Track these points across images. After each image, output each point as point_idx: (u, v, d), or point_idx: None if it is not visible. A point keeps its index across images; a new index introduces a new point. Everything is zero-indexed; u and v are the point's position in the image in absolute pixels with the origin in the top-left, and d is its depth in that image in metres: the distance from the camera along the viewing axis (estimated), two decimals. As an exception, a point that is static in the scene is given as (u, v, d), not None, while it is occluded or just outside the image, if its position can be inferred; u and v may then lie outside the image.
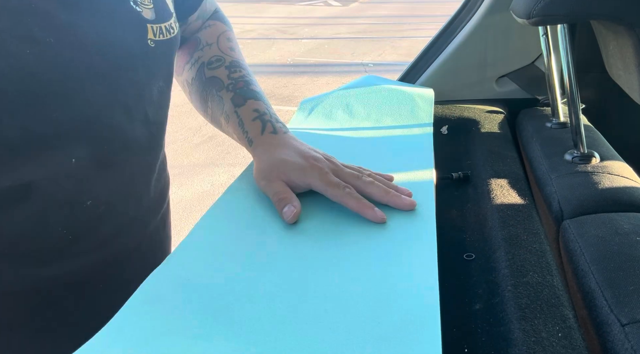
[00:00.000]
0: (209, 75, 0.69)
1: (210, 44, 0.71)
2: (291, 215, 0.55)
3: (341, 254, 0.50)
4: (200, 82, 0.70)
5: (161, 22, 0.55)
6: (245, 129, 0.65)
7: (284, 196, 0.58)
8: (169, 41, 0.56)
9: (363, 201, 0.56)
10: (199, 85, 0.70)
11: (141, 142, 0.56)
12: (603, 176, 0.80)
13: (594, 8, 0.73)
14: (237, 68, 0.70)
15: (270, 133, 0.65)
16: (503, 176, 0.81)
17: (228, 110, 0.67)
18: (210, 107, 0.69)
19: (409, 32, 7.82)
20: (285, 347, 0.38)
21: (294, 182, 0.59)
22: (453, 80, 1.17)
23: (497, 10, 1.10)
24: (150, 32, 0.53)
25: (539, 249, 0.61)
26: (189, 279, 0.46)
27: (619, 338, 0.50)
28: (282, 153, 0.62)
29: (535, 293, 0.53)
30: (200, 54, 0.71)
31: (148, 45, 0.53)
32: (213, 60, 0.70)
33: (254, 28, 8.14)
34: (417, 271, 0.47)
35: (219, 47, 0.71)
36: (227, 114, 0.67)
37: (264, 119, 0.66)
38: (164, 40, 0.55)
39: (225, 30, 0.74)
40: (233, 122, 0.66)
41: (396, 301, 0.43)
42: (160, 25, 0.54)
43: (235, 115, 0.66)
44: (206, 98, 0.69)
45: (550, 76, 1.01)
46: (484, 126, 1.05)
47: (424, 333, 0.39)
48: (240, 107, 0.66)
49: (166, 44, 0.56)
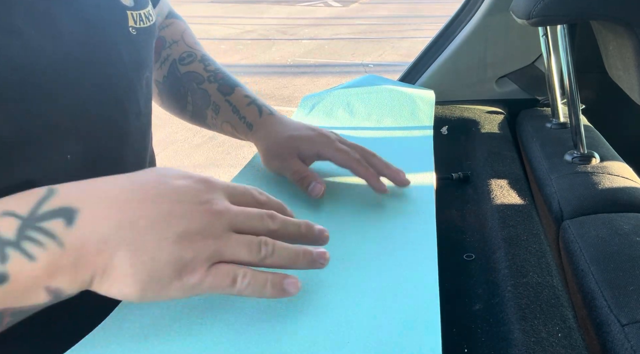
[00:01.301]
0: (185, 71, 0.69)
1: (176, 41, 0.72)
2: (320, 192, 0.57)
3: (341, 254, 0.50)
4: (175, 79, 0.70)
5: (140, 9, 0.54)
6: (242, 115, 0.65)
7: (305, 174, 0.58)
8: (149, 29, 0.56)
9: (370, 169, 0.59)
10: (174, 82, 0.70)
11: (134, 134, 0.55)
12: (603, 176, 0.80)
13: (594, 8, 0.73)
14: (209, 61, 0.71)
15: (268, 114, 0.66)
16: (503, 177, 0.81)
17: (217, 100, 0.67)
18: (190, 102, 0.69)
19: (409, 33, 7.83)
20: (285, 347, 0.38)
21: (304, 154, 0.61)
22: (453, 81, 1.17)
23: (497, 10, 1.10)
24: (130, 19, 0.52)
25: (538, 249, 0.61)
26: None
27: (619, 338, 0.50)
28: (287, 129, 0.63)
29: (535, 293, 0.53)
30: (169, 51, 0.71)
31: (130, 33, 0.52)
32: (184, 56, 0.70)
33: (254, 29, 8.15)
34: (417, 271, 0.47)
35: (186, 43, 0.72)
36: (216, 104, 0.67)
37: (258, 103, 0.67)
38: (145, 27, 0.54)
39: (185, 28, 0.75)
40: (225, 110, 0.66)
41: (396, 302, 0.43)
42: (139, 12, 0.53)
43: (227, 103, 0.67)
44: (184, 93, 0.69)
45: (550, 77, 1.01)
46: (484, 127, 1.05)
47: (424, 333, 0.39)
48: (229, 95, 0.67)
49: (147, 32, 0.55)
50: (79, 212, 0.34)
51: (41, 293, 0.33)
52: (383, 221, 0.56)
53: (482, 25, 1.12)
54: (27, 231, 0.33)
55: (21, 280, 0.32)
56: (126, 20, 0.51)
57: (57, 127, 0.45)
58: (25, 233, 0.33)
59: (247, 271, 0.37)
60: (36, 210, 0.34)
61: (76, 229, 0.34)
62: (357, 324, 0.41)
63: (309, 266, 0.41)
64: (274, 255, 0.38)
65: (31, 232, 0.33)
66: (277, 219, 0.40)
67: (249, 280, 0.37)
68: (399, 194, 0.62)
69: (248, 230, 0.38)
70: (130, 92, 0.53)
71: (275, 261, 0.39)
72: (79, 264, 0.34)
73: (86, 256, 0.34)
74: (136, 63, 0.53)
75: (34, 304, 0.34)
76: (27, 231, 0.33)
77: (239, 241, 0.37)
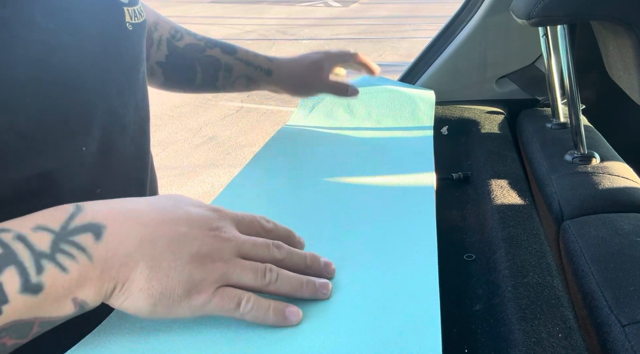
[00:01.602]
0: (183, 45, 0.74)
1: (156, 22, 0.75)
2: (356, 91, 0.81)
3: (341, 254, 0.50)
4: (178, 54, 0.74)
5: (133, 5, 0.55)
6: (256, 65, 0.76)
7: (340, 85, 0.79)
8: (142, 24, 0.57)
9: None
10: (178, 58, 0.75)
11: (135, 127, 0.56)
12: (603, 176, 0.80)
13: (594, 9, 0.73)
14: (194, 33, 0.77)
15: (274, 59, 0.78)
16: (503, 177, 0.81)
17: (227, 61, 0.75)
18: (199, 71, 0.76)
19: (409, 33, 7.82)
20: (285, 347, 0.38)
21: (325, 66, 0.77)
22: (453, 81, 1.17)
23: (497, 10, 1.10)
24: (127, 15, 0.53)
25: (539, 249, 0.61)
26: None
27: (619, 338, 0.50)
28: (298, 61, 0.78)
29: (535, 294, 0.53)
30: (158, 33, 0.74)
31: (127, 28, 0.53)
32: (173, 32, 0.75)
33: (254, 29, 8.14)
34: (417, 271, 0.47)
35: (165, 21, 0.76)
36: (228, 64, 0.75)
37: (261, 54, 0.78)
38: (139, 23, 0.56)
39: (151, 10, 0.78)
40: (238, 67, 0.75)
41: (396, 302, 0.43)
42: (133, 8, 0.55)
43: (238, 60, 0.76)
44: (192, 65, 0.75)
45: (550, 77, 1.01)
46: (484, 127, 1.05)
47: (424, 333, 0.39)
48: (235, 53, 0.76)
49: (141, 27, 0.56)
50: (106, 228, 0.36)
51: (68, 304, 0.35)
52: (383, 221, 0.56)
53: (482, 25, 1.12)
54: (61, 244, 0.34)
55: (53, 291, 0.34)
56: (123, 16, 0.52)
57: (73, 121, 0.46)
58: (59, 246, 0.34)
59: (252, 296, 0.39)
60: (67, 225, 0.36)
61: (104, 243, 0.36)
62: (357, 324, 0.41)
63: (312, 295, 0.42)
64: (278, 282, 0.40)
65: (64, 245, 0.35)
66: (283, 249, 0.42)
67: (252, 305, 0.38)
68: (399, 195, 0.62)
69: (255, 257, 0.40)
70: (129, 86, 0.54)
71: (279, 288, 0.40)
72: (104, 277, 0.35)
73: (111, 269, 0.36)
74: (133, 57, 0.54)
75: (61, 315, 0.35)
76: (60, 244, 0.35)
77: (246, 266, 0.39)
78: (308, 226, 0.55)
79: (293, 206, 0.60)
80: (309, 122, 0.91)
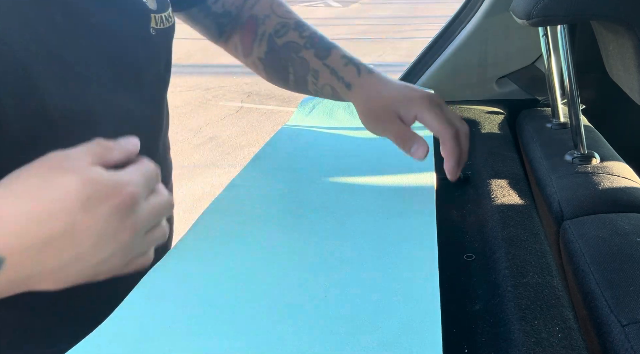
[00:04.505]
0: (281, 43, 0.71)
1: (267, 15, 0.73)
2: (423, 153, 0.59)
3: (342, 255, 0.50)
4: (275, 53, 0.71)
5: (162, 12, 0.58)
6: (340, 76, 0.67)
7: (407, 136, 0.60)
8: (167, 29, 0.60)
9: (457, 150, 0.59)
10: (274, 56, 0.72)
11: (143, 121, 0.59)
12: (603, 176, 0.80)
13: (594, 8, 0.73)
14: (304, 27, 0.72)
15: (367, 73, 0.66)
16: (503, 177, 0.81)
17: (315, 66, 0.69)
18: (291, 72, 0.71)
19: (409, 33, 7.83)
20: (285, 347, 0.38)
21: (403, 115, 0.61)
22: (453, 81, 1.17)
23: (497, 11, 1.10)
24: (153, 21, 0.57)
25: (539, 249, 0.61)
26: (188, 275, 0.46)
27: (619, 338, 0.50)
28: (386, 89, 0.64)
29: (535, 294, 0.53)
30: (263, 28, 0.72)
31: (150, 33, 0.57)
32: (278, 28, 0.72)
33: (254, 29, 8.13)
34: (417, 271, 0.47)
35: (278, 15, 0.73)
36: (315, 70, 0.69)
37: (355, 62, 0.68)
38: (164, 28, 0.59)
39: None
40: (324, 74, 0.68)
41: (397, 302, 0.43)
42: (161, 14, 0.58)
43: (325, 67, 0.68)
44: (286, 65, 0.71)
45: (550, 77, 1.01)
46: (484, 127, 1.05)
47: (424, 333, 0.39)
48: (326, 58, 0.68)
49: (165, 32, 0.59)
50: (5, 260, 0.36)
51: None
52: (384, 221, 0.56)
53: (482, 25, 1.12)
54: None
55: None
56: (149, 22, 0.56)
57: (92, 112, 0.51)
58: None
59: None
60: None
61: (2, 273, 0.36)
62: (358, 324, 0.41)
63: None
64: None
65: None
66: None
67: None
68: (399, 195, 0.62)
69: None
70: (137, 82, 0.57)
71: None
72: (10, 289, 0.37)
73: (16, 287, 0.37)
74: (149, 59, 0.58)
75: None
76: None
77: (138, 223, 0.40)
78: (308, 225, 0.55)
79: (293, 205, 0.60)
80: (309, 122, 0.91)
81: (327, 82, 0.68)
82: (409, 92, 0.62)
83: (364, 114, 0.64)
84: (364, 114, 0.65)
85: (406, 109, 0.60)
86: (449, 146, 0.58)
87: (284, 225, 0.55)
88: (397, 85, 0.64)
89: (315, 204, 0.60)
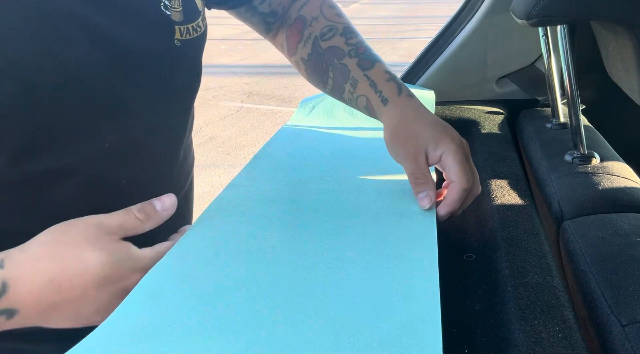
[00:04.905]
0: (326, 46, 0.70)
1: (315, 17, 0.72)
2: (428, 204, 0.57)
3: (342, 255, 0.50)
4: (318, 55, 0.71)
5: (189, 22, 0.58)
6: (379, 89, 0.65)
7: (422, 179, 0.58)
8: (194, 39, 0.60)
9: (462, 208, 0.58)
10: (317, 59, 0.71)
11: (164, 127, 0.60)
12: (603, 176, 0.80)
13: (594, 9, 0.73)
14: (352, 34, 0.70)
15: (407, 95, 0.65)
16: (503, 177, 0.81)
17: (355, 75, 0.67)
18: (331, 77, 0.70)
19: (409, 33, 7.83)
20: (286, 348, 0.38)
21: (429, 152, 0.59)
22: (453, 81, 1.17)
23: (497, 11, 1.10)
24: (177, 33, 0.57)
25: (539, 249, 0.61)
26: (189, 275, 0.46)
27: (619, 338, 0.50)
28: (422, 119, 0.61)
29: (535, 294, 0.53)
30: (310, 29, 0.72)
31: (174, 44, 0.57)
32: (325, 31, 0.71)
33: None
34: (418, 272, 0.47)
35: (326, 18, 0.72)
36: (354, 79, 0.67)
37: (397, 81, 0.66)
38: (190, 39, 0.59)
39: (323, 1, 0.74)
40: (363, 85, 0.66)
41: (397, 302, 0.43)
42: (187, 26, 0.58)
43: (365, 78, 0.66)
44: (326, 69, 0.70)
45: (550, 77, 1.02)
46: (484, 127, 1.05)
47: (425, 333, 0.39)
48: (369, 70, 0.67)
49: (192, 42, 0.59)
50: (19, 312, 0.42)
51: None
52: (383, 221, 0.56)
53: (482, 25, 1.12)
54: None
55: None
56: (173, 34, 0.57)
57: (99, 121, 0.52)
58: None
59: None
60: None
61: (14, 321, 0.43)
62: (358, 324, 0.41)
63: None
64: None
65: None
66: None
67: None
68: (399, 195, 0.62)
69: None
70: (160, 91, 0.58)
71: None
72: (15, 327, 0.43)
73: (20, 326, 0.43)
74: (173, 68, 0.59)
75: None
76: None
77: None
78: (308, 225, 0.55)
79: (293, 205, 0.60)
80: (310, 122, 0.91)
81: (364, 93, 0.66)
82: (443, 130, 0.60)
83: (392, 133, 0.62)
84: (391, 133, 0.62)
85: (434, 147, 0.59)
86: (454, 197, 0.57)
87: (284, 225, 0.55)
88: (433, 120, 0.62)
89: (316, 204, 0.60)
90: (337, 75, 0.69)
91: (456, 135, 0.60)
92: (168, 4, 0.56)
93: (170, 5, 0.56)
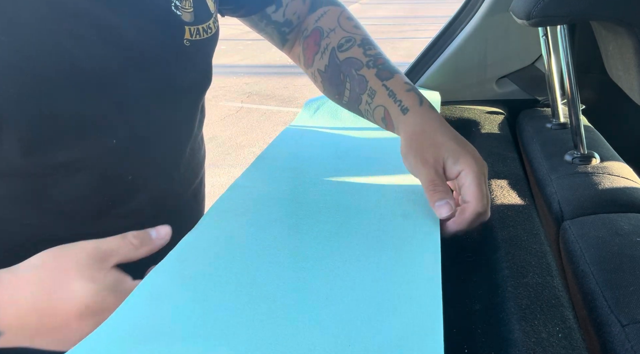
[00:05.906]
0: (344, 58, 0.69)
1: (332, 29, 0.71)
2: (447, 213, 0.54)
3: (344, 256, 0.50)
4: (335, 66, 0.69)
5: (199, 24, 0.59)
6: (398, 98, 0.63)
7: (440, 189, 0.56)
8: (205, 40, 0.60)
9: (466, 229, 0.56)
10: (334, 70, 0.70)
11: (171, 125, 0.61)
12: (603, 176, 0.80)
13: (594, 9, 0.73)
14: (370, 45, 0.70)
15: (429, 107, 0.63)
16: (503, 177, 0.81)
17: (374, 85, 0.65)
18: (348, 88, 0.69)
19: (409, 33, 7.83)
20: (286, 349, 0.38)
21: (448, 166, 0.57)
22: (453, 81, 1.17)
23: (497, 11, 1.10)
24: (187, 33, 0.58)
25: (539, 250, 0.61)
26: (190, 276, 0.46)
27: (619, 338, 0.50)
28: (443, 132, 0.59)
29: (535, 294, 0.53)
30: (327, 41, 0.71)
31: (184, 44, 0.58)
32: (342, 42, 0.70)
33: (254, 29, 8.13)
34: (420, 273, 0.47)
35: (344, 29, 0.71)
36: (372, 89, 0.65)
37: (418, 93, 0.64)
38: (200, 39, 0.59)
39: (342, 11, 0.74)
40: (381, 94, 0.65)
41: (399, 303, 0.43)
42: (197, 26, 0.59)
43: (384, 88, 0.65)
44: (343, 80, 0.69)
45: (550, 77, 1.02)
46: (484, 127, 1.05)
47: (426, 336, 0.39)
48: (388, 80, 0.65)
49: (202, 43, 0.60)
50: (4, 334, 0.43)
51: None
52: (387, 222, 0.56)
53: (482, 25, 1.12)
54: None
55: None
56: (182, 34, 0.57)
57: (107, 117, 0.53)
58: None
59: None
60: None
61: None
62: (360, 324, 0.41)
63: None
64: None
65: None
66: None
67: None
68: (403, 195, 0.62)
69: None
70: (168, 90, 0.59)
71: None
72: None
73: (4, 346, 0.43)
74: (182, 68, 0.59)
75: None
76: None
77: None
78: (311, 226, 0.55)
79: (297, 206, 0.60)
80: (314, 122, 0.91)
81: (382, 103, 0.64)
82: (465, 147, 0.58)
83: (411, 141, 0.60)
84: (410, 141, 0.60)
85: (455, 162, 0.56)
86: (466, 218, 0.55)
87: (288, 225, 0.55)
88: (455, 135, 0.60)
89: (319, 204, 0.60)
90: (354, 85, 0.67)
91: (478, 156, 0.58)
92: (179, 4, 0.57)
93: (181, 5, 0.57)
